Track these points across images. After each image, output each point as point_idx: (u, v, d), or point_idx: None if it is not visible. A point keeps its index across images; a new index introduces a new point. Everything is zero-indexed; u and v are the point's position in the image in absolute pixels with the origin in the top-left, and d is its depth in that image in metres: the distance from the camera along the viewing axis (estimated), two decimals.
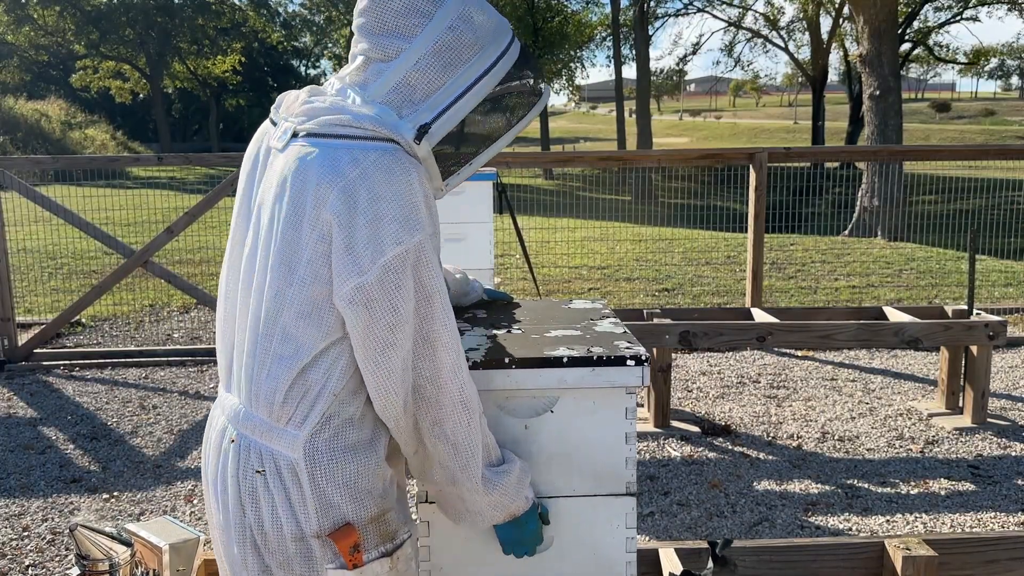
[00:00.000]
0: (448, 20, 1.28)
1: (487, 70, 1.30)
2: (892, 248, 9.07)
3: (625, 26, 29.81)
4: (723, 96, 78.70)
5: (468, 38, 1.29)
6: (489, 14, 1.33)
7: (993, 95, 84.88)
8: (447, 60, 1.28)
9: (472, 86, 1.30)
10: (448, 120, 1.29)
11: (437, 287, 1.26)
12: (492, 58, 1.31)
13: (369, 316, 1.22)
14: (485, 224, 4.32)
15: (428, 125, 1.27)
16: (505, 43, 1.32)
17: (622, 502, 1.48)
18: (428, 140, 1.28)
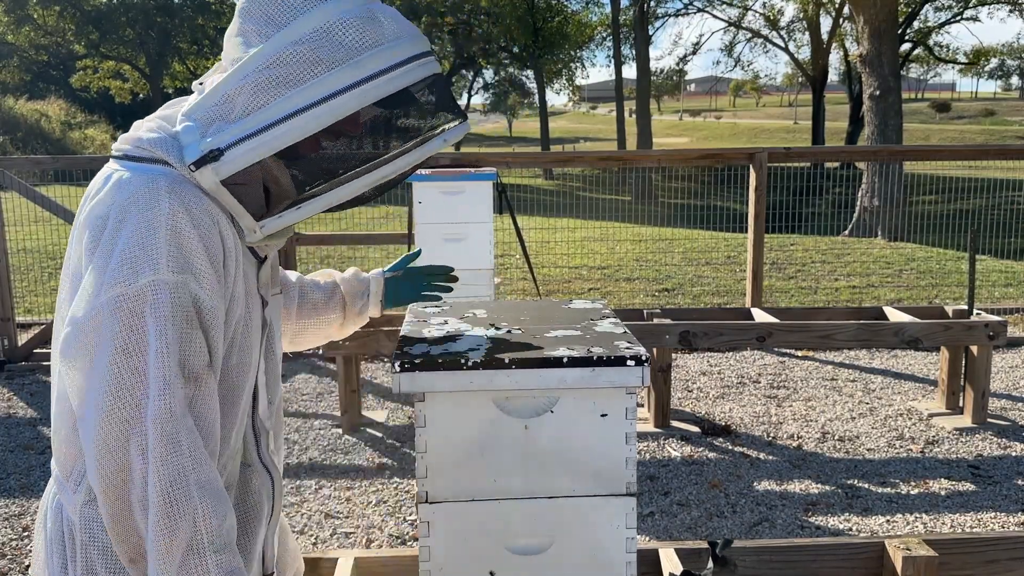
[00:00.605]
0: (300, 32, 1.07)
1: (325, 97, 1.06)
2: (892, 248, 9.07)
3: (625, 26, 29.81)
4: (723, 96, 78.70)
5: (317, 55, 1.07)
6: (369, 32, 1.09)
7: (993, 95, 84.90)
8: (280, 77, 1.07)
9: (298, 113, 1.06)
10: (253, 149, 1.07)
11: (148, 353, 1.02)
12: (340, 84, 1.06)
13: (70, 367, 1.05)
14: (485, 224, 4.33)
15: (221, 151, 1.07)
16: (373, 70, 1.07)
17: (622, 502, 1.48)
18: (216, 169, 1.07)
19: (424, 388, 1.43)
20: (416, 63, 1.11)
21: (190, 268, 1.06)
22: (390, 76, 1.09)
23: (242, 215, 1.13)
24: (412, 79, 1.11)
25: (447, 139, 1.17)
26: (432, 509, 1.47)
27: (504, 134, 58.48)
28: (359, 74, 1.07)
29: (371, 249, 8.18)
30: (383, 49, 1.09)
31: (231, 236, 1.13)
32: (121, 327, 1.03)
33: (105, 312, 1.03)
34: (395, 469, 3.73)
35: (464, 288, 4.43)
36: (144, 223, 1.05)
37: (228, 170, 1.08)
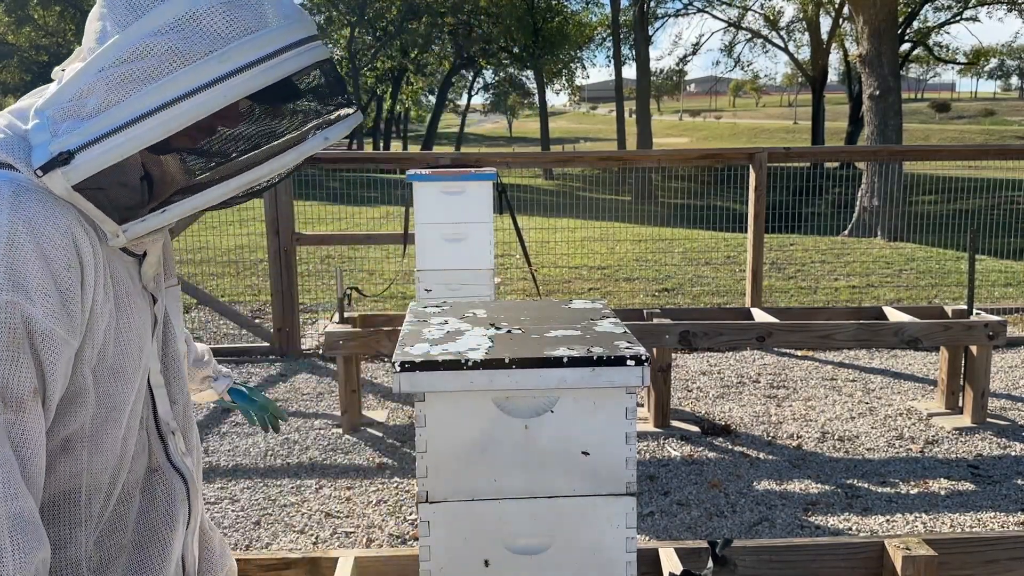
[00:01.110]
0: (161, 21, 0.97)
1: (188, 93, 0.96)
2: (892, 248, 9.07)
3: (625, 26, 29.82)
4: (723, 96, 78.74)
5: (179, 46, 0.96)
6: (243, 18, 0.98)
7: (993, 95, 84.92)
8: (138, 71, 0.96)
9: (157, 111, 0.96)
10: (107, 151, 0.97)
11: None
12: (205, 77, 0.96)
13: None
14: (485, 224, 4.33)
15: (72, 154, 0.96)
16: (243, 61, 0.97)
17: (622, 502, 1.48)
18: (66, 174, 0.97)
19: (424, 388, 1.43)
20: (294, 52, 1.00)
21: (23, 288, 0.96)
22: (261, 68, 0.98)
23: (102, 220, 1.03)
24: (287, 70, 1.00)
25: (328, 137, 1.05)
26: (432, 509, 1.48)
27: (504, 134, 58.49)
28: (224, 68, 0.96)
29: (371, 249, 8.18)
30: (254, 37, 0.98)
31: (88, 244, 1.03)
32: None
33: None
34: (395, 469, 3.73)
35: (464, 288, 4.45)
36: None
37: (79, 175, 0.97)
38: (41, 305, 0.97)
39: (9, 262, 0.95)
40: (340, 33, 34.42)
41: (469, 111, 44.81)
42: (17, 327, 0.96)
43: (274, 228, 5.34)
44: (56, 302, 0.99)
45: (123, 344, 1.11)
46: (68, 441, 1.07)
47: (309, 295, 6.89)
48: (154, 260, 1.20)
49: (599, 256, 8.48)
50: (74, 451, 1.07)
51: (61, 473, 1.07)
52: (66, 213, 1.01)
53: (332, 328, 4.08)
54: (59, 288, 0.99)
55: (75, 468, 1.08)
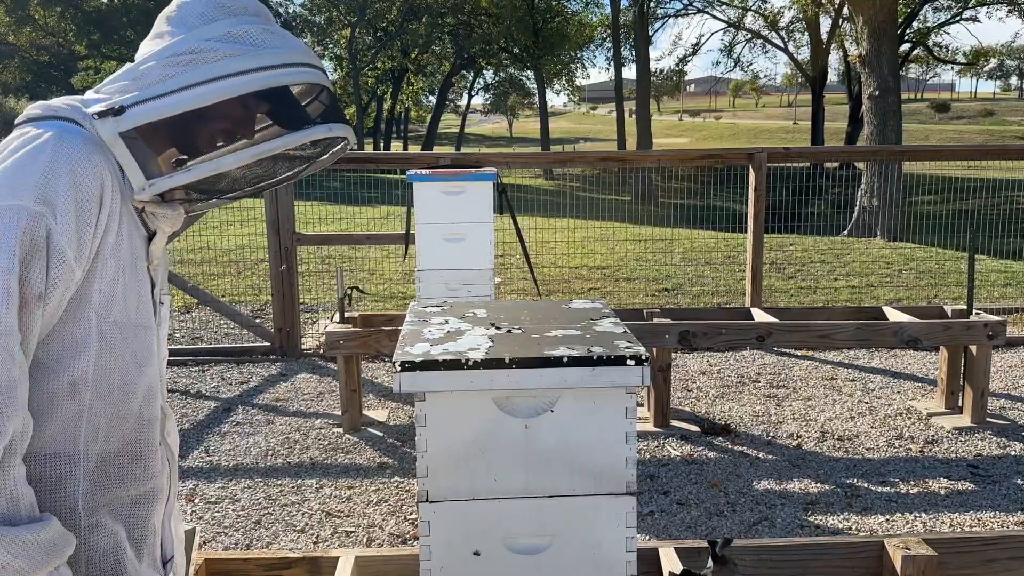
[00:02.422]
0: (210, 33, 1.25)
1: (222, 76, 1.22)
2: (891, 248, 9.07)
3: (625, 27, 29.81)
4: (723, 96, 78.71)
5: (224, 47, 1.24)
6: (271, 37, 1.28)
7: (992, 95, 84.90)
8: (187, 60, 1.23)
9: (197, 85, 1.21)
10: (152, 110, 1.20)
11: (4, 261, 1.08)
12: (240, 67, 1.23)
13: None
14: (485, 224, 4.33)
15: (124, 107, 1.19)
16: (272, 61, 1.25)
17: (622, 501, 1.49)
18: (117, 122, 1.19)
19: (425, 388, 1.44)
20: (308, 69, 1.29)
21: (51, 204, 1.12)
22: (284, 71, 1.25)
23: (133, 169, 1.21)
24: (304, 79, 1.28)
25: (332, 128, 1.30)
26: (433, 508, 1.48)
27: (504, 134, 58.48)
28: (258, 62, 1.23)
29: (372, 249, 8.18)
30: (281, 50, 1.26)
31: (111, 191, 1.19)
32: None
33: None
34: (396, 468, 3.73)
35: (464, 288, 4.45)
36: (24, 157, 1.14)
37: (126, 124, 1.19)
38: (62, 224, 1.13)
39: (45, 181, 1.12)
40: (341, 33, 34.46)
41: (469, 111, 44.80)
42: (39, 235, 1.11)
43: (275, 228, 5.35)
44: (73, 227, 1.14)
45: (130, 302, 1.26)
46: (74, 384, 1.20)
47: (310, 295, 6.89)
48: (160, 247, 1.35)
49: (599, 256, 8.49)
50: (78, 394, 1.20)
51: (65, 412, 1.19)
52: (103, 159, 1.19)
53: (333, 328, 4.09)
54: (78, 215, 1.15)
55: (77, 409, 1.20)
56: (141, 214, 1.28)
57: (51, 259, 1.13)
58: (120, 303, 1.23)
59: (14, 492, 1.07)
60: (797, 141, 39.07)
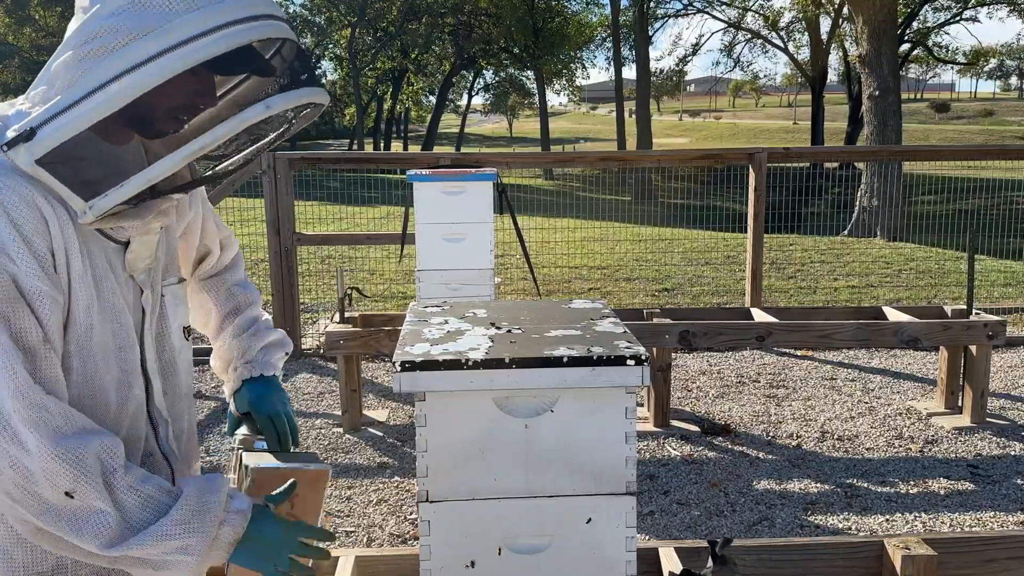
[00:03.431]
0: (117, 4, 1.02)
1: (132, 67, 1.00)
2: (891, 248, 9.08)
3: (625, 27, 29.81)
4: (723, 96, 78.71)
5: (127, 25, 1.01)
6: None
7: (992, 95, 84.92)
8: (91, 52, 1.02)
9: (104, 86, 1.00)
10: (64, 126, 1.02)
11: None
12: (148, 52, 1.00)
13: None
14: (485, 224, 4.33)
15: (34, 130, 1.02)
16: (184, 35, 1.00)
17: (622, 501, 1.48)
18: (30, 149, 1.02)
19: (424, 387, 1.44)
20: (240, 27, 1.03)
21: (3, 251, 1.03)
22: (205, 41, 1.01)
23: (68, 196, 1.07)
24: (230, 44, 1.02)
25: (269, 105, 1.06)
26: (433, 508, 1.48)
27: (504, 134, 58.49)
28: (166, 41, 1.00)
29: (372, 249, 8.18)
30: (198, 14, 1.01)
31: (56, 218, 1.08)
32: None
33: None
34: (396, 468, 3.73)
35: (464, 288, 4.45)
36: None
37: (41, 149, 1.03)
38: (23, 265, 1.04)
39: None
40: (340, 33, 34.47)
41: (469, 111, 44.81)
42: (8, 285, 1.03)
43: (275, 228, 5.35)
44: (34, 263, 1.05)
45: (107, 325, 1.17)
46: None
47: (310, 295, 6.89)
48: (144, 253, 1.23)
49: (599, 256, 8.49)
50: None
51: None
52: (32, 188, 1.06)
53: (333, 328, 4.09)
54: (33, 251, 1.05)
55: None
56: (103, 229, 1.15)
57: (31, 301, 1.05)
58: (98, 330, 1.15)
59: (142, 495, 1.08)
60: (797, 141, 39.08)
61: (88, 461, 1.04)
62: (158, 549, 1.07)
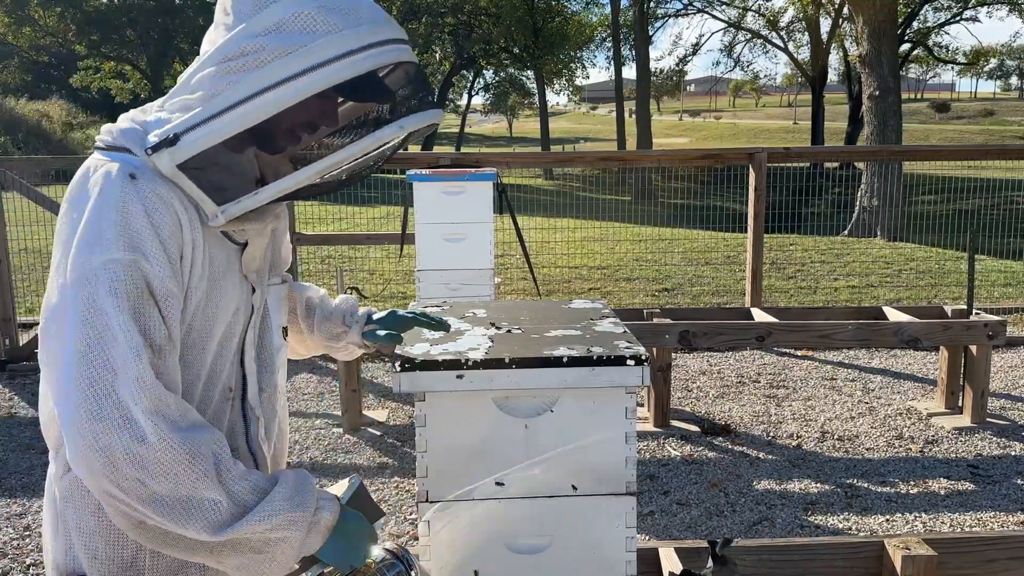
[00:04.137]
0: (261, 25, 1.10)
1: (274, 84, 1.07)
2: (892, 248, 9.07)
3: (625, 27, 29.80)
4: (723, 96, 78.68)
5: (272, 44, 1.08)
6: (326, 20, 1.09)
7: (992, 95, 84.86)
8: (237, 67, 1.09)
9: (248, 100, 1.08)
10: (207, 134, 1.09)
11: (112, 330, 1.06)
12: (290, 71, 1.07)
13: (43, 352, 1.11)
14: (485, 224, 4.33)
15: (178, 136, 1.10)
16: (324, 57, 1.07)
17: (622, 501, 1.48)
18: (172, 154, 1.10)
19: (424, 388, 1.44)
20: (375, 50, 1.10)
21: (140, 249, 1.09)
22: (343, 63, 1.08)
23: (202, 200, 1.14)
24: (367, 66, 1.10)
25: (403, 126, 1.13)
26: (432, 508, 1.48)
27: (504, 134, 58.47)
28: (309, 61, 1.07)
29: (372, 249, 8.18)
30: (338, 36, 1.09)
31: (188, 223, 1.14)
32: (83, 305, 1.06)
33: (69, 294, 1.08)
34: (396, 468, 3.73)
35: (464, 288, 4.45)
36: (99, 207, 1.09)
37: (183, 155, 1.10)
38: (156, 265, 1.10)
39: (125, 227, 1.09)
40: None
41: (469, 111, 44.79)
42: (141, 283, 1.09)
43: None
44: (166, 263, 1.11)
45: (210, 321, 1.22)
46: None
47: None
48: (258, 254, 1.31)
49: (599, 256, 8.48)
50: None
51: None
52: (170, 191, 1.13)
53: None
54: (167, 252, 1.12)
55: None
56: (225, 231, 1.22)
57: (160, 301, 1.11)
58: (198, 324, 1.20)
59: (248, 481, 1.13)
60: (797, 141, 39.06)
61: (203, 452, 1.09)
62: (265, 526, 1.11)
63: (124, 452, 1.04)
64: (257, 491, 1.13)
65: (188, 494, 1.07)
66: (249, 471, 1.15)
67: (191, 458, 1.07)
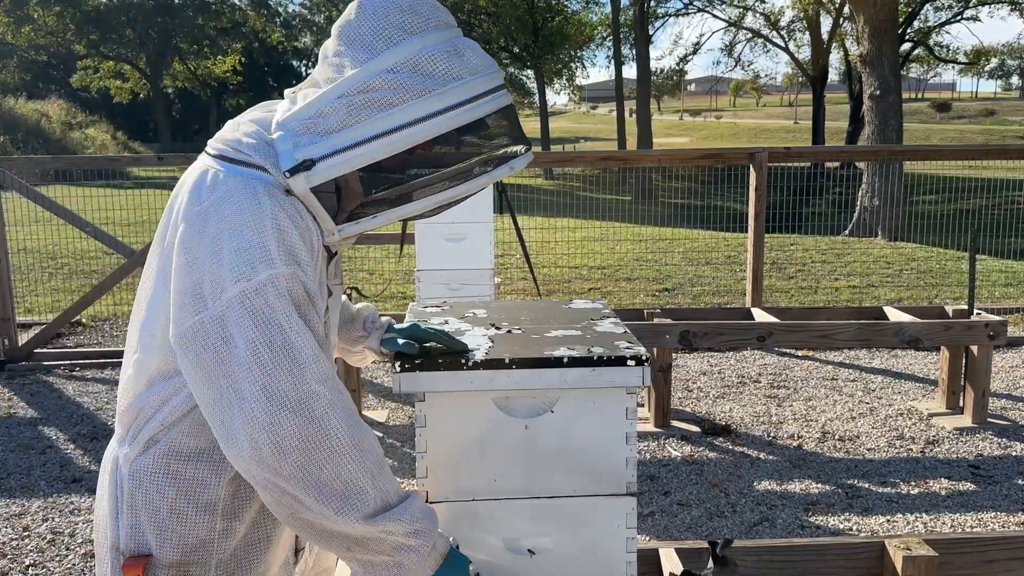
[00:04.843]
0: (392, 61, 1.18)
1: (412, 122, 1.17)
2: (892, 248, 9.07)
3: (625, 26, 29.81)
4: (723, 96, 78.68)
5: (407, 83, 1.17)
6: (456, 65, 1.19)
7: (993, 95, 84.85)
8: (371, 100, 1.18)
9: (386, 134, 1.17)
10: (342, 162, 1.18)
11: (289, 333, 1.14)
12: (426, 111, 1.17)
13: (200, 358, 1.14)
14: (485, 224, 4.33)
15: (314, 161, 1.18)
16: (456, 100, 1.18)
17: (622, 502, 1.48)
18: (308, 177, 1.18)
19: (424, 388, 1.43)
20: (492, 96, 1.21)
21: (297, 261, 1.18)
22: (469, 107, 1.19)
23: (325, 219, 1.24)
24: (487, 111, 1.21)
25: (513, 167, 1.26)
26: (432, 509, 1.47)
27: None
28: (441, 104, 1.17)
29: (371, 249, 8.18)
30: (464, 83, 1.19)
31: (318, 236, 1.25)
32: (254, 319, 1.13)
33: (234, 306, 1.13)
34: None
35: (464, 288, 4.44)
36: (250, 222, 1.16)
37: (318, 179, 1.19)
38: (310, 274, 1.20)
39: (282, 240, 1.17)
40: None
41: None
42: (302, 293, 1.18)
43: None
44: (314, 272, 1.22)
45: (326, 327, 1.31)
46: None
47: None
48: (337, 262, 1.42)
49: (599, 256, 8.48)
50: None
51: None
52: (303, 208, 1.22)
53: None
54: (313, 262, 1.22)
55: None
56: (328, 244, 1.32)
57: (317, 307, 1.22)
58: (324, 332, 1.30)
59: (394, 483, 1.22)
60: (798, 141, 39.06)
61: (367, 447, 1.18)
62: (404, 528, 1.18)
63: (300, 443, 1.11)
64: (399, 496, 1.22)
65: (346, 484, 1.14)
66: (394, 478, 1.23)
67: (357, 450, 1.16)
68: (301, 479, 1.12)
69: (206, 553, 1.25)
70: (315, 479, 1.13)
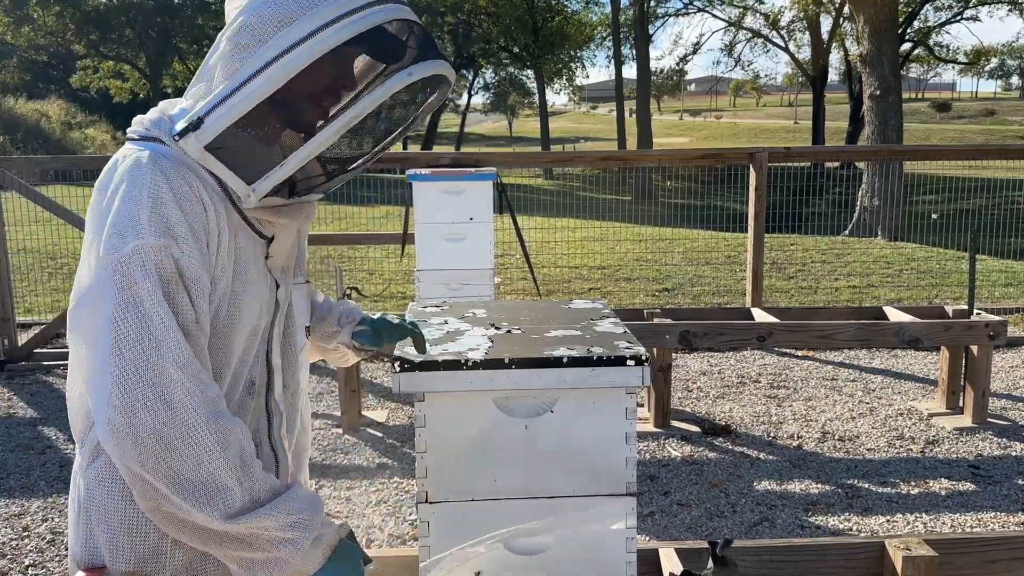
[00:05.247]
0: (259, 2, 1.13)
1: (286, 49, 1.10)
2: (892, 248, 9.07)
3: (625, 26, 29.81)
4: (723, 96, 78.67)
5: (279, 12, 1.12)
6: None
7: (993, 95, 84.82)
8: (247, 41, 1.13)
9: (264, 68, 1.11)
10: (227, 110, 1.12)
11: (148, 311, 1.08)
12: (299, 34, 1.10)
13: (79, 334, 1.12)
14: (485, 224, 4.33)
15: (201, 119, 1.12)
16: (329, 17, 1.11)
17: (622, 502, 1.48)
18: (198, 136, 1.12)
19: (424, 388, 1.43)
20: (377, 7, 1.14)
21: (170, 234, 1.11)
22: (347, 22, 1.11)
23: (233, 180, 1.17)
24: (370, 23, 1.13)
25: (411, 73, 1.16)
26: (432, 509, 1.47)
27: (504, 134, 58.47)
28: (315, 23, 1.11)
29: (371, 249, 8.18)
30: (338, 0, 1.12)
31: (213, 209, 1.17)
32: (116, 290, 1.08)
33: (102, 280, 1.09)
34: (395, 469, 3.73)
35: (464, 288, 4.44)
36: (129, 194, 1.11)
37: (208, 136, 1.13)
38: (186, 250, 1.12)
39: (156, 211, 1.10)
40: None
41: (469, 111, 44.78)
42: (171, 268, 1.11)
43: None
44: (195, 248, 1.13)
45: (235, 311, 1.22)
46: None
47: None
48: (283, 250, 1.33)
49: (599, 256, 8.48)
50: None
51: None
52: (197, 178, 1.15)
53: None
54: (195, 237, 1.13)
55: None
56: (253, 222, 1.24)
57: (189, 286, 1.12)
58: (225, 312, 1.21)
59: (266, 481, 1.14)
60: (798, 141, 39.05)
61: (230, 441, 1.10)
62: (274, 524, 1.12)
63: (154, 428, 1.05)
64: (271, 491, 1.14)
65: (207, 478, 1.08)
66: (267, 473, 1.17)
67: (219, 444, 1.09)
68: (157, 468, 1.06)
69: (159, 564, 1.20)
70: (174, 470, 1.06)
